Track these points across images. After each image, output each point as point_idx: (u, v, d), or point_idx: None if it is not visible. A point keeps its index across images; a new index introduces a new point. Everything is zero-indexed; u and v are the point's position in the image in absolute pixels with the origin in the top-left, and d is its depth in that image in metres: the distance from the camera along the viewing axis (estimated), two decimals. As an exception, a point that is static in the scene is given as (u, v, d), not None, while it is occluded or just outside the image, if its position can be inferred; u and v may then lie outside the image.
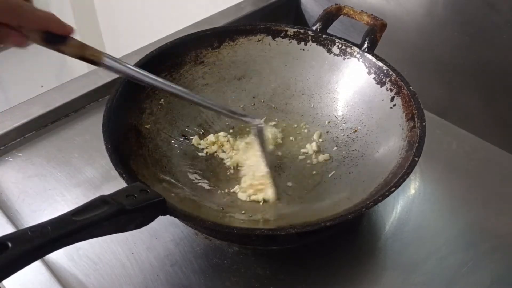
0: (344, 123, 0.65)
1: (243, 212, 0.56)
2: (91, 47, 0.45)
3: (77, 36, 0.45)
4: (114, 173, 0.51)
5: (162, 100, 0.64)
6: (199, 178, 0.61)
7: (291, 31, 0.69)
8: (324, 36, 0.67)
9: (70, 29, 0.45)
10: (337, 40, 0.67)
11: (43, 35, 0.43)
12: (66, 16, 1.80)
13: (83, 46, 0.45)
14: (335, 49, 0.67)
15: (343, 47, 0.66)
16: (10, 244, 0.37)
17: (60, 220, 0.40)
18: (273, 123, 0.68)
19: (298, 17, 0.93)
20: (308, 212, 0.56)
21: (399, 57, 0.70)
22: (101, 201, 0.42)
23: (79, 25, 1.76)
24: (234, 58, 0.69)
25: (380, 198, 0.49)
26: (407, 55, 0.77)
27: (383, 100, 0.62)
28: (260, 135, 0.59)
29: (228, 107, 0.62)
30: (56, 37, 0.44)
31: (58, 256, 0.54)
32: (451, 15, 0.70)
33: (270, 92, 0.70)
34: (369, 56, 0.64)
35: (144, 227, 0.46)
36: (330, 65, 0.67)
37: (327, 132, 0.66)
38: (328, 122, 0.67)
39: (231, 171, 0.62)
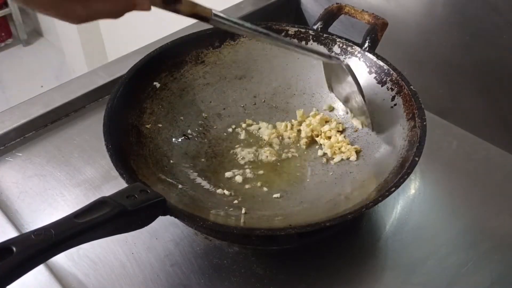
0: (345, 123, 0.65)
1: (243, 212, 0.56)
2: (201, 5, 0.48)
3: (77, 35, 0.46)
4: (114, 173, 0.51)
5: (163, 100, 0.64)
6: (199, 178, 0.61)
7: (292, 30, 0.69)
8: (325, 35, 0.67)
9: None
10: (338, 40, 0.67)
11: None
12: (66, 15, 1.79)
13: (195, 4, 0.48)
14: (336, 48, 0.67)
15: (344, 46, 0.66)
16: (14, 249, 0.36)
17: (63, 223, 0.40)
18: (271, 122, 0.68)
19: (298, 17, 0.93)
20: (308, 212, 0.56)
21: (400, 56, 0.70)
22: (102, 202, 0.42)
23: (79, 25, 1.75)
24: (235, 57, 0.69)
25: (380, 198, 0.49)
26: (408, 54, 0.77)
27: (384, 99, 0.62)
28: (350, 70, 0.61)
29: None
30: None
31: (58, 256, 0.53)
32: (451, 15, 0.70)
33: (271, 92, 0.70)
34: (370, 56, 0.64)
35: (144, 227, 0.46)
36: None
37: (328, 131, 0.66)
38: (329, 122, 0.66)
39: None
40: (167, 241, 0.56)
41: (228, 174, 0.61)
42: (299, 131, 0.66)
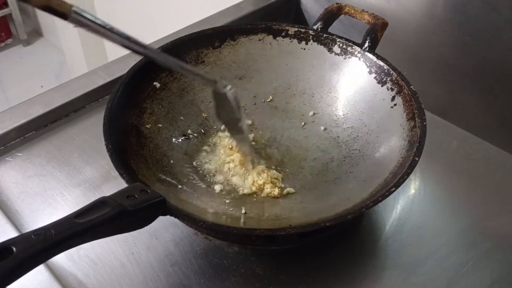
0: (345, 123, 0.65)
1: (243, 212, 0.56)
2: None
3: (77, 35, 0.45)
4: (114, 173, 0.51)
5: (163, 100, 0.64)
6: (199, 178, 0.61)
7: (292, 30, 0.69)
8: (325, 35, 0.67)
9: None
10: (338, 40, 0.67)
11: None
12: (66, 15, 1.80)
13: None
14: (336, 49, 0.67)
15: (344, 46, 0.66)
16: (14, 249, 0.36)
17: (63, 223, 0.40)
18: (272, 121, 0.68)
19: (298, 17, 0.93)
20: (308, 212, 0.56)
21: (399, 56, 0.70)
22: (102, 202, 0.42)
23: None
24: (235, 57, 0.69)
25: (380, 198, 0.49)
26: (408, 54, 0.77)
27: (384, 99, 0.62)
28: (235, 100, 0.57)
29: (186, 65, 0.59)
30: None
31: (58, 256, 0.53)
32: (451, 15, 0.70)
33: (271, 92, 0.70)
34: (370, 56, 0.64)
35: (144, 227, 0.46)
36: (331, 65, 0.67)
37: (328, 131, 0.66)
38: (329, 122, 0.66)
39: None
40: (167, 241, 0.56)
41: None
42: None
